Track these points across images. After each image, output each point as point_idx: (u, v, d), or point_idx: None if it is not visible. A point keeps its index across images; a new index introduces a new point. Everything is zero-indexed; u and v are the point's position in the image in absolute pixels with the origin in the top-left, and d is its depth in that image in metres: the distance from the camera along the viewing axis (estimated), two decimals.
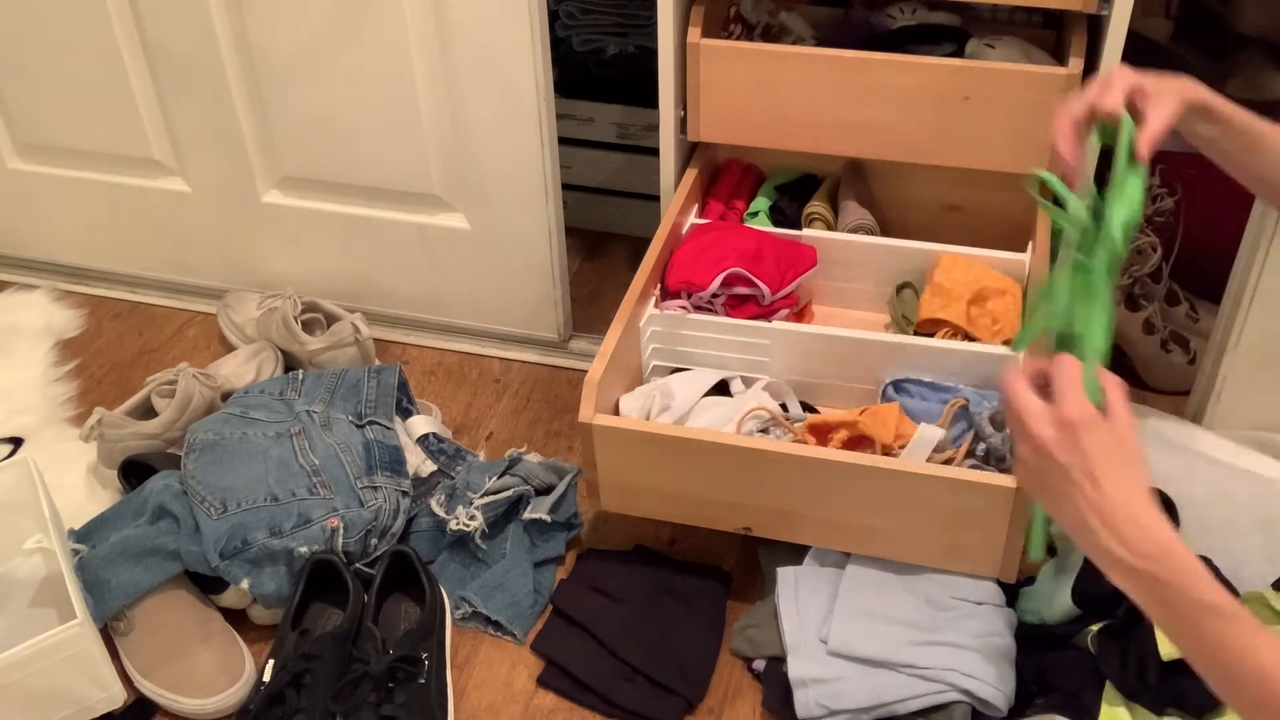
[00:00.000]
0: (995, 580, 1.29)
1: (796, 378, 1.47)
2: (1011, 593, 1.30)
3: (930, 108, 1.43)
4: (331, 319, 1.75)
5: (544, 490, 1.47)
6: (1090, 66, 1.39)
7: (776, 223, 1.59)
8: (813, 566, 1.34)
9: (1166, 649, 1.12)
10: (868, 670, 1.23)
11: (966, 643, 1.23)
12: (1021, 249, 1.50)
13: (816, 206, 1.59)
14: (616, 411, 1.38)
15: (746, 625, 1.34)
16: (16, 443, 1.64)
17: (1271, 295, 1.39)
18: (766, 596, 1.36)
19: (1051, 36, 1.63)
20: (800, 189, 1.66)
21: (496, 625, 1.38)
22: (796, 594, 1.31)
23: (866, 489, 1.24)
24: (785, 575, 1.33)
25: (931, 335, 1.44)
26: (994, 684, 1.20)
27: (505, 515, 1.45)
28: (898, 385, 1.41)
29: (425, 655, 1.28)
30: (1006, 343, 1.40)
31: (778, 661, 1.28)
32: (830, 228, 1.58)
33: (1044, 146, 1.41)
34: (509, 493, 1.44)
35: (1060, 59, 1.48)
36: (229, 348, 1.80)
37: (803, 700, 1.23)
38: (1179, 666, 1.12)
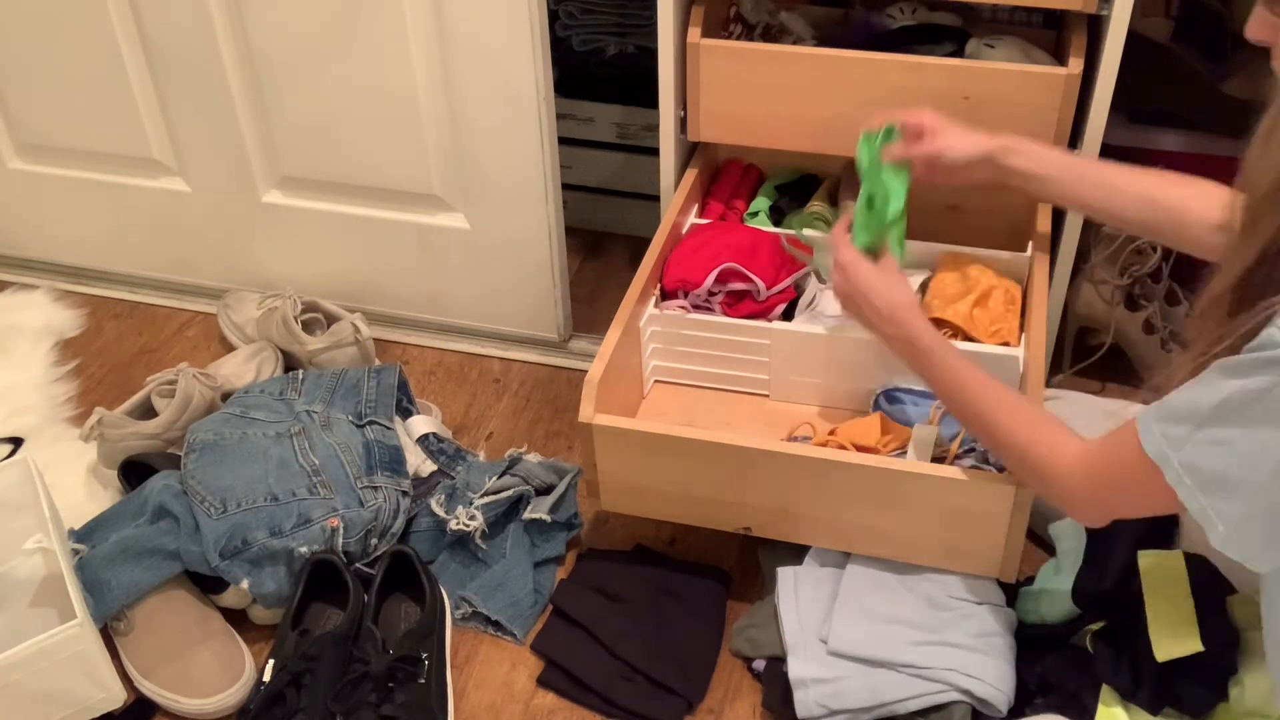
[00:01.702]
0: (995, 580, 1.29)
1: (796, 378, 1.47)
2: (1011, 593, 1.30)
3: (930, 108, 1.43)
4: (331, 319, 1.75)
5: (544, 490, 1.47)
6: (1090, 66, 1.39)
7: (776, 223, 1.59)
8: (813, 566, 1.34)
9: (1161, 651, 1.12)
10: (868, 670, 1.23)
11: (966, 643, 1.23)
12: (1021, 249, 1.49)
13: (816, 206, 1.59)
14: None
15: (746, 625, 1.34)
16: (16, 443, 1.64)
17: None
18: (766, 596, 1.36)
19: (1051, 36, 1.63)
20: (800, 189, 1.66)
21: (496, 625, 1.38)
22: (796, 594, 1.31)
23: (866, 489, 1.24)
24: (785, 575, 1.33)
25: None
26: (994, 684, 1.20)
27: (505, 515, 1.45)
28: (890, 395, 1.41)
29: (425, 655, 1.28)
30: (1005, 343, 1.40)
31: (778, 661, 1.28)
32: (830, 227, 1.58)
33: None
34: (509, 493, 1.44)
35: (1060, 59, 1.48)
36: (229, 348, 1.80)
37: (803, 700, 1.23)
38: (1174, 668, 1.12)
